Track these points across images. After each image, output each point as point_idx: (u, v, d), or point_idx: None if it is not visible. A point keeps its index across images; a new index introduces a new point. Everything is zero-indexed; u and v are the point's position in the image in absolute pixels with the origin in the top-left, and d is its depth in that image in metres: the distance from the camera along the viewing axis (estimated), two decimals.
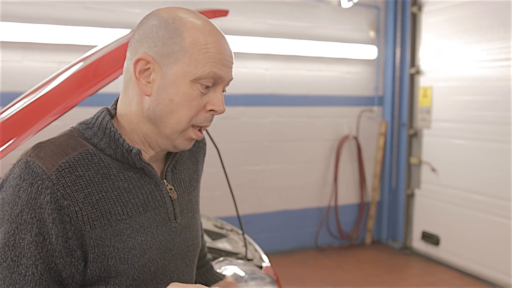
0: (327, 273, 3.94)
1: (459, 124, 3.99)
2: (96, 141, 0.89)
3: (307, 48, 4.19)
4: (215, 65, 0.87)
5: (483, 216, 3.77)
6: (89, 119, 0.93)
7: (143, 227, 0.89)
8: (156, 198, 0.93)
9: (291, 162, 4.34)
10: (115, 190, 0.87)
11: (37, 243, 0.79)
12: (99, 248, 0.84)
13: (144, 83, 0.88)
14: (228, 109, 4.71)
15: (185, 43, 0.86)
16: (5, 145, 1.10)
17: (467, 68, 3.92)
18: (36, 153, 0.83)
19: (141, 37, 0.89)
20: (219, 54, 0.87)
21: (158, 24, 0.87)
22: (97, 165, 0.86)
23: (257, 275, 1.48)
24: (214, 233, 1.99)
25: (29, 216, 0.79)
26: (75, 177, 0.82)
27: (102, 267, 0.85)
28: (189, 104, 0.87)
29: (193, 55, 0.86)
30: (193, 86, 0.87)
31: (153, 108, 0.88)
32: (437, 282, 3.80)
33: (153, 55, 0.86)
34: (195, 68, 0.86)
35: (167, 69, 0.86)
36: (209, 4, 3.55)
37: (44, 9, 3.32)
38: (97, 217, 0.83)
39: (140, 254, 0.88)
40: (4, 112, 1.23)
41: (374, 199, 4.71)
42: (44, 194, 0.80)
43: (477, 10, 3.83)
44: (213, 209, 3.68)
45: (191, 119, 0.89)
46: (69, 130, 0.92)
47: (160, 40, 0.86)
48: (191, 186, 1.06)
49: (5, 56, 3.25)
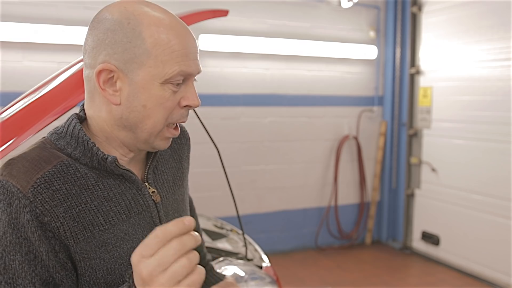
0: (327, 273, 3.94)
1: (459, 124, 3.99)
2: (70, 150, 0.85)
3: (307, 48, 4.19)
4: (183, 63, 0.83)
5: (483, 216, 3.77)
6: (60, 127, 0.89)
7: (128, 235, 0.86)
8: (139, 203, 0.90)
9: (291, 162, 4.34)
10: (95, 200, 0.83)
11: (29, 261, 0.77)
12: (86, 261, 0.81)
13: (111, 92, 0.83)
14: (228, 109, 4.69)
15: (147, 45, 0.81)
16: (5, 145, 1.10)
17: (467, 68, 3.92)
18: (8, 171, 0.79)
19: (97, 43, 0.83)
20: (184, 49, 0.83)
21: (112, 28, 0.82)
22: (73, 177, 0.82)
23: (257, 275, 1.48)
24: (214, 233, 1.99)
25: (14, 237, 0.76)
26: (52, 192, 0.79)
27: (91, 280, 0.82)
28: (163, 106, 0.84)
29: (158, 57, 0.81)
30: (164, 87, 0.83)
31: (126, 116, 0.84)
32: (437, 282, 3.80)
33: (115, 63, 0.81)
34: (162, 70, 0.81)
35: (133, 75, 0.82)
36: (209, 4, 3.55)
37: (44, 9, 3.32)
38: (79, 230, 0.80)
39: (127, 262, 0.84)
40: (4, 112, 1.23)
41: (374, 199, 4.71)
42: (24, 213, 0.76)
43: (477, 10, 3.83)
44: (213, 209, 3.68)
45: (167, 119, 0.86)
46: (41, 142, 0.88)
47: (118, 46, 0.81)
48: (175, 185, 1.02)
49: (5, 56, 3.25)
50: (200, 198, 3.86)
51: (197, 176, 3.76)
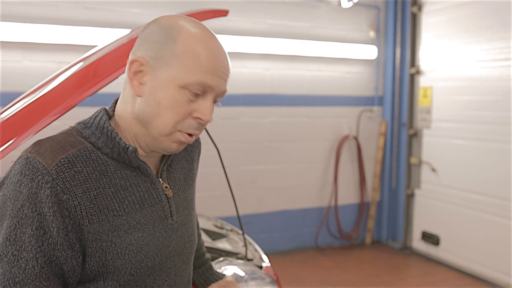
0: (327, 273, 3.95)
1: (459, 124, 3.99)
2: (94, 139, 0.91)
3: (307, 48, 4.19)
4: (205, 74, 0.88)
5: (483, 216, 3.77)
6: (87, 119, 0.96)
7: (140, 224, 0.91)
8: (152, 196, 0.95)
9: (291, 162, 4.34)
10: (112, 186, 0.89)
11: (38, 237, 0.80)
12: (97, 242, 0.85)
13: (137, 84, 0.90)
14: (228, 109, 4.69)
15: (177, 49, 0.88)
16: (5, 145, 1.10)
17: (467, 68, 3.92)
18: (36, 149, 0.85)
19: (140, 41, 0.93)
20: (210, 63, 0.89)
21: (156, 30, 0.91)
22: (95, 162, 0.88)
23: (257, 275, 1.48)
24: (214, 233, 1.99)
25: (30, 210, 0.81)
26: (73, 172, 0.84)
27: (100, 261, 0.86)
28: (175, 109, 0.89)
29: (183, 61, 0.88)
30: (181, 92, 0.88)
31: (142, 109, 0.91)
32: (437, 282, 3.80)
33: (147, 58, 0.89)
34: (183, 74, 0.88)
35: (158, 72, 0.89)
36: (209, 4, 3.55)
37: (44, 9, 3.32)
38: (95, 212, 0.85)
39: (137, 250, 0.89)
40: (4, 112, 1.23)
41: (374, 199, 4.71)
42: (44, 188, 0.81)
43: (477, 10, 3.83)
44: (213, 209, 3.68)
45: (177, 123, 0.90)
46: (68, 129, 0.94)
47: (155, 44, 0.89)
48: (186, 184, 1.08)
49: (5, 56, 3.25)
50: (200, 198, 3.86)
51: (198, 176, 3.75)
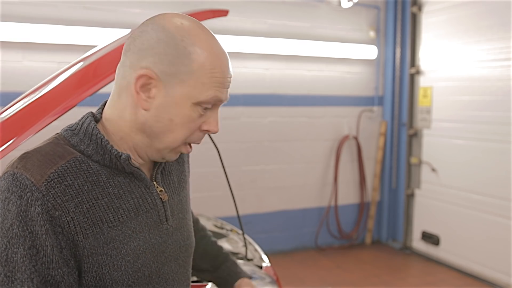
0: (327, 273, 3.95)
1: (459, 124, 3.99)
2: (83, 147, 0.88)
3: (307, 48, 4.19)
4: (218, 89, 0.88)
5: (483, 216, 3.77)
6: (74, 124, 0.91)
7: (135, 232, 0.89)
8: (147, 201, 0.92)
9: (291, 162, 4.34)
10: (105, 196, 0.86)
11: (31, 256, 0.77)
12: (93, 257, 0.83)
13: (144, 97, 0.86)
14: (228, 109, 4.69)
15: (193, 66, 0.85)
16: (5, 145, 1.10)
17: (467, 68, 3.92)
18: (23, 164, 0.81)
19: (144, 48, 0.86)
20: (223, 78, 0.88)
21: (165, 40, 0.85)
22: (85, 173, 0.85)
23: (257, 275, 1.48)
24: (214, 233, 1.99)
25: (21, 229, 0.77)
26: (64, 186, 0.81)
27: (97, 276, 0.84)
28: (188, 125, 0.88)
29: (200, 78, 0.85)
30: (194, 109, 0.87)
31: (150, 124, 0.88)
32: (437, 282, 3.80)
33: (157, 72, 0.85)
34: (199, 92, 0.86)
35: (171, 88, 0.85)
36: (209, 4, 3.55)
37: (44, 9, 3.32)
38: (89, 226, 0.82)
39: (133, 260, 0.87)
40: (4, 112, 1.23)
41: (374, 199, 4.71)
42: (35, 206, 0.78)
43: (477, 10, 3.83)
44: (213, 209, 3.68)
45: (186, 138, 0.91)
46: (54, 138, 0.89)
47: (167, 58, 0.84)
48: (180, 186, 1.06)
49: (5, 56, 3.25)
50: (200, 198, 3.87)
51: (197, 176, 3.76)
